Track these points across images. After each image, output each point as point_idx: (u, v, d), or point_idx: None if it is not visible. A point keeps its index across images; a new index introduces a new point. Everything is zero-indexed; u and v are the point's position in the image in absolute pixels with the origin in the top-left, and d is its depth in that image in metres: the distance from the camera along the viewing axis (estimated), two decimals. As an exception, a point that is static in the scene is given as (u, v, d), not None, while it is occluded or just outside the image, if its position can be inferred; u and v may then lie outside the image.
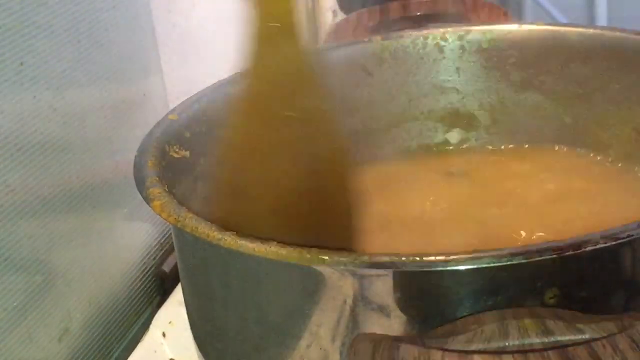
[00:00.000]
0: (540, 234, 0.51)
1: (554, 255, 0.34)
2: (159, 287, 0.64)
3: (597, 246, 0.34)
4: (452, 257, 0.34)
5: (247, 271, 0.39)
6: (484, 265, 0.34)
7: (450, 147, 0.61)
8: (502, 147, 0.60)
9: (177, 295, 0.59)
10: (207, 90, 0.53)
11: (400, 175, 0.59)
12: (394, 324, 0.36)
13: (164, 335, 0.56)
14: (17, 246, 0.48)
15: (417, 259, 0.34)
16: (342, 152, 0.44)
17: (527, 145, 0.60)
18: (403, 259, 0.34)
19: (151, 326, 0.57)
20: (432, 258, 0.34)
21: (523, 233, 0.51)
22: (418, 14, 0.85)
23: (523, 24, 0.59)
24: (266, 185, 0.41)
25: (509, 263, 0.34)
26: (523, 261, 0.34)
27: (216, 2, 0.76)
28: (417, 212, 0.56)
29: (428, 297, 0.36)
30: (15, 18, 0.47)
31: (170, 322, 0.57)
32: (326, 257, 0.35)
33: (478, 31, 0.59)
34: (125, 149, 0.58)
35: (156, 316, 0.58)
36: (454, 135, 0.61)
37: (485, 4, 0.85)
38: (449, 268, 0.34)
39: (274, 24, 0.41)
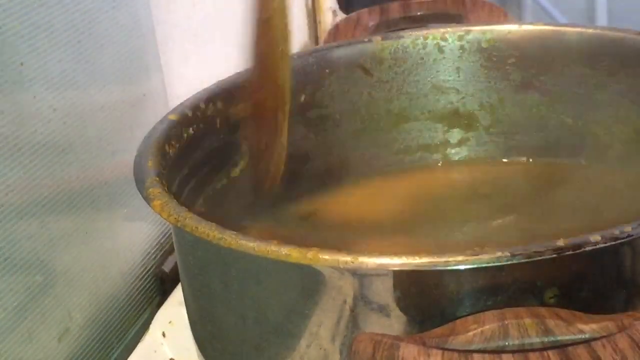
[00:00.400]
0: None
1: (554, 255, 0.34)
2: (159, 287, 0.64)
3: (597, 246, 0.34)
4: (452, 257, 0.34)
5: (247, 271, 0.39)
6: (484, 265, 0.34)
7: (451, 150, 0.61)
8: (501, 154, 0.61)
9: (177, 295, 0.59)
10: (207, 90, 0.53)
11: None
12: (394, 324, 0.36)
13: (164, 335, 0.56)
14: (17, 246, 0.48)
15: (417, 258, 0.34)
16: None
17: (526, 147, 0.60)
18: (403, 259, 0.34)
19: (151, 326, 0.57)
20: (432, 258, 0.34)
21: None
22: (418, 14, 0.85)
23: (523, 24, 0.59)
24: None
25: (509, 263, 0.34)
26: (523, 261, 0.34)
27: (216, 2, 0.76)
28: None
29: (428, 297, 0.36)
30: (15, 18, 0.47)
31: (170, 322, 0.57)
32: (326, 257, 0.35)
33: (478, 31, 0.59)
34: (125, 149, 0.58)
35: (156, 316, 0.58)
36: (454, 135, 0.61)
37: (485, 4, 0.84)
38: (449, 268, 0.34)
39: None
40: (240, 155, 0.54)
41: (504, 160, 0.60)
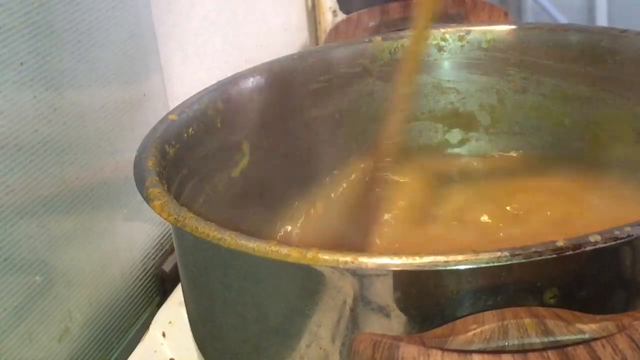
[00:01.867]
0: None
1: (554, 255, 0.34)
2: (159, 287, 0.64)
3: (597, 246, 0.34)
4: (452, 257, 0.34)
5: (247, 271, 0.39)
6: (484, 265, 0.34)
7: (451, 150, 0.61)
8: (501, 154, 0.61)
9: (177, 295, 0.59)
10: (207, 90, 0.53)
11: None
12: (394, 324, 0.36)
13: (164, 335, 0.56)
14: (17, 246, 0.48)
15: (417, 259, 0.34)
16: None
17: (525, 148, 0.60)
18: (403, 259, 0.34)
19: (151, 326, 0.57)
20: (432, 258, 0.34)
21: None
22: (418, 14, 0.85)
23: (523, 24, 0.59)
24: None
25: (509, 263, 0.34)
26: (523, 261, 0.34)
27: (216, 2, 0.76)
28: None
29: (428, 297, 0.36)
30: (15, 18, 0.47)
31: (170, 322, 0.57)
32: (326, 257, 0.35)
33: (478, 31, 0.59)
34: (125, 149, 0.58)
35: (156, 316, 0.58)
36: (454, 135, 0.61)
37: (485, 4, 0.85)
38: (449, 268, 0.34)
39: None
40: (240, 155, 0.54)
41: (504, 160, 0.60)
